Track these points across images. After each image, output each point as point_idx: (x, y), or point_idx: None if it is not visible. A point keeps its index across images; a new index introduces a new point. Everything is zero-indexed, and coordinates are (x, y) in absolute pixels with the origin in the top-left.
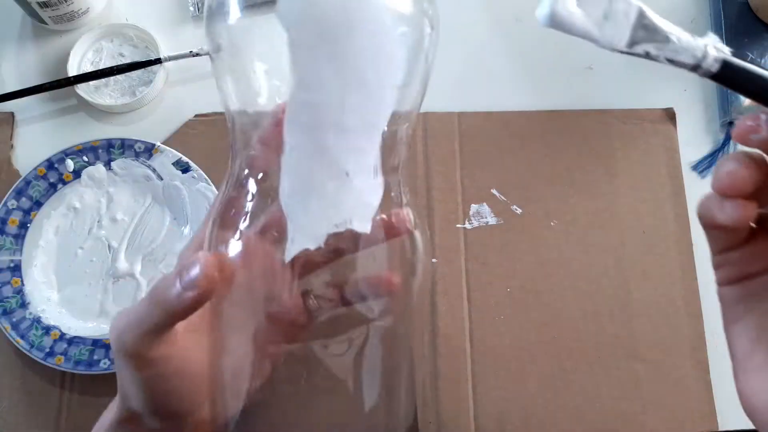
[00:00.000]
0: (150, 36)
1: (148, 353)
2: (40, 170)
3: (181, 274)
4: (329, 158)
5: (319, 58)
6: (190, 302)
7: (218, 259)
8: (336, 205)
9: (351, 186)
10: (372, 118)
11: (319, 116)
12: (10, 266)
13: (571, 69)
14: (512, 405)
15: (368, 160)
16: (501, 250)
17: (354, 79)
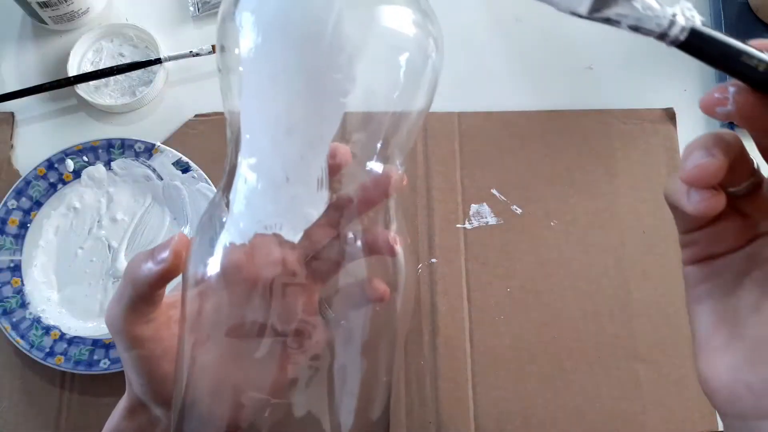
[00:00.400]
0: (150, 36)
1: (134, 330)
2: (40, 170)
3: (154, 252)
4: (273, 159)
5: (272, 62)
6: (154, 275)
7: (187, 241)
8: (270, 207)
9: (288, 192)
10: (317, 130)
11: (267, 116)
12: (10, 266)
13: (571, 69)
14: (512, 405)
15: (311, 170)
16: (501, 250)
17: (302, 90)
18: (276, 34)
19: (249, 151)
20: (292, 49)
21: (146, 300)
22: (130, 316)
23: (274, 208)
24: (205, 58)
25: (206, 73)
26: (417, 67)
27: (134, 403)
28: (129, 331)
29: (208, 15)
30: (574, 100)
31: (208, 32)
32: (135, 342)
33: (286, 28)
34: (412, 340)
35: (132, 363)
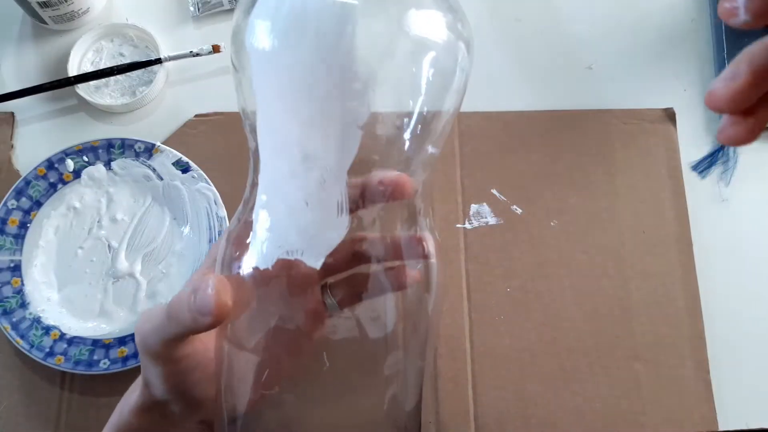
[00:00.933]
0: (150, 36)
1: (171, 354)
2: (40, 170)
3: (195, 295)
4: (292, 185)
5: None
6: (204, 326)
7: (226, 285)
8: (291, 233)
9: (308, 217)
10: (334, 158)
11: (284, 143)
12: (10, 266)
13: (571, 69)
14: (512, 405)
15: (331, 195)
16: (501, 250)
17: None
18: (287, 58)
19: (268, 176)
20: (306, 77)
21: (190, 335)
22: (169, 345)
23: (296, 234)
24: (205, 59)
25: (206, 74)
26: (447, 71)
27: (148, 401)
28: (165, 355)
29: (209, 15)
30: (574, 100)
31: (208, 32)
32: (169, 361)
33: (299, 55)
34: None
35: (160, 376)
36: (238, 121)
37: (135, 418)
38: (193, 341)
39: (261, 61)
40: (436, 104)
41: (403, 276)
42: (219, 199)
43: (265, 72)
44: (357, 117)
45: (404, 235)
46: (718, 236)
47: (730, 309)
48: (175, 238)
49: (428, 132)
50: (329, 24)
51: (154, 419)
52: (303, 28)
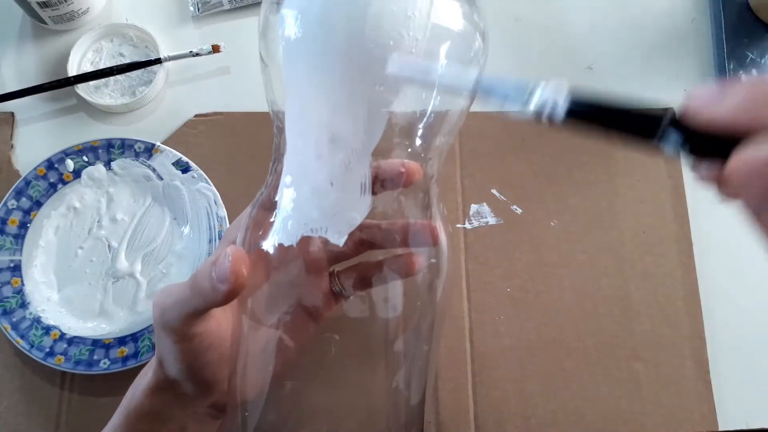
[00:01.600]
0: (150, 36)
1: (188, 329)
2: (40, 170)
3: (215, 265)
4: (317, 166)
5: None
6: (222, 296)
7: (244, 256)
8: (314, 211)
9: (332, 197)
10: (360, 140)
11: (311, 126)
12: (10, 266)
13: (571, 69)
14: (512, 405)
15: (355, 176)
16: (501, 250)
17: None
18: (318, 45)
19: (294, 157)
20: (334, 61)
21: (210, 309)
22: (190, 322)
23: (320, 213)
24: (205, 58)
25: (206, 73)
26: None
27: (161, 381)
28: (183, 330)
29: (209, 15)
30: None
31: (208, 32)
32: (186, 338)
33: (328, 39)
34: None
35: (175, 353)
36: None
37: (147, 399)
38: (209, 319)
39: (292, 49)
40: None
41: (411, 263)
42: (219, 199)
43: (296, 59)
44: (384, 101)
45: (414, 222)
46: (718, 236)
47: (730, 309)
48: (175, 238)
49: (443, 120)
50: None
51: (167, 400)
52: (332, 15)
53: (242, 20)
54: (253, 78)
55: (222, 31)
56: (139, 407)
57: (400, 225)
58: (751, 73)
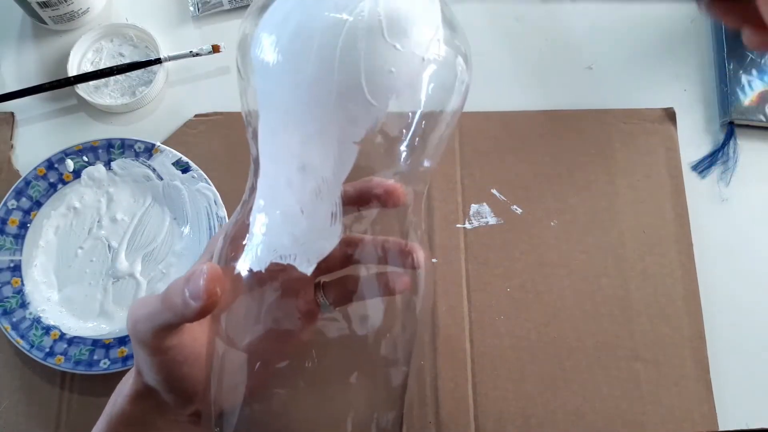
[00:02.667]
0: (150, 36)
1: (161, 343)
2: (40, 170)
3: (188, 281)
4: (288, 193)
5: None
6: (193, 313)
7: (219, 275)
8: (285, 238)
9: (303, 225)
10: (330, 170)
11: (282, 153)
12: (10, 266)
13: (571, 69)
14: (512, 405)
15: (325, 205)
16: (501, 250)
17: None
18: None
19: (266, 182)
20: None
21: (181, 324)
22: (161, 336)
23: (290, 240)
24: (205, 58)
25: (206, 73)
26: (446, 85)
27: (141, 389)
28: (155, 344)
29: (209, 15)
30: (574, 100)
31: (208, 32)
32: (158, 351)
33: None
34: None
35: (151, 365)
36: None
37: (129, 406)
38: (183, 333)
39: (265, 74)
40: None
41: (394, 282)
42: (219, 199)
43: (269, 85)
44: (355, 134)
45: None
46: (718, 236)
47: (730, 309)
48: (175, 238)
49: (425, 144)
50: (332, 43)
51: (148, 407)
52: (307, 46)
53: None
54: None
55: (222, 31)
56: (121, 414)
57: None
58: (751, 73)
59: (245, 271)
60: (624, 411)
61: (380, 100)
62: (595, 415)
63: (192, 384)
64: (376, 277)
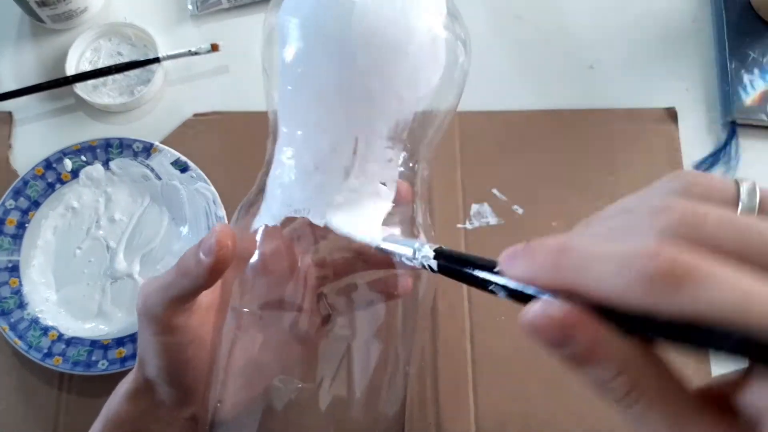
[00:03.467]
0: (148, 35)
1: (170, 319)
2: (38, 170)
3: (200, 244)
4: (304, 151)
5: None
6: (207, 269)
7: (230, 231)
8: (299, 194)
9: (315, 180)
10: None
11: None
12: (8, 266)
13: (573, 68)
14: (513, 406)
15: (337, 160)
16: (502, 250)
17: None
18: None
19: (284, 143)
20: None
21: (195, 292)
22: (171, 306)
23: (303, 195)
24: (203, 57)
25: (205, 72)
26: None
27: (140, 385)
28: (164, 320)
29: (207, 14)
30: (576, 99)
31: (206, 31)
32: (167, 329)
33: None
34: None
35: (156, 347)
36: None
37: (125, 405)
38: (192, 313)
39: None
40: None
41: (394, 287)
42: (218, 199)
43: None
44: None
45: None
46: None
47: None
48: (173, 238)
49: (426, 128)
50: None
51: (144, 406)
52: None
53: (241, 19)
54: (252, 77)
55: (221, 30)
56: (117, 414)
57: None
58: (753, 72)
59: (261, 224)
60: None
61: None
62: (596, 415)
63: (192, 374)
64: (377, 283)
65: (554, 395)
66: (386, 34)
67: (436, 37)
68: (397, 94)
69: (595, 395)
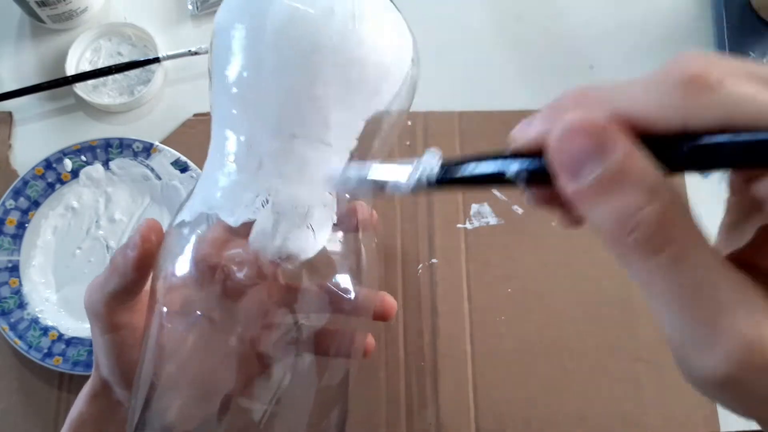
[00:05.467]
0: (148, 35)
1: (112, 317)
2: (38, 170)
3: (129, 239)
4: (224, 149)
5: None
6: (132, 263)
7: (155, 225)
8: (216, 192)
9: (232, 178)
10: (260, 126)
11: (224, 111)
12: (8, 266)
13: (573, 68)
14: (513, 406)
15: (254, 156)
16: (502, 250)
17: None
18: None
19: (212, 144)
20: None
21: (127, 288)
22: (110, 302)
23: (220, 193)
24: (203, 57)
25: (205, 72)
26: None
27: (97, 387)
28: (107, 316)
29: (207, 14)
30: None
31: (206, 30)
32: (111, 327)
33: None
34: (412, 341)
35: (104, 346)
36: None
37: (85, 406)
38: (134, 312)
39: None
40: (382, 104)
41: (359, 345)
42: None
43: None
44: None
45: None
46: None
47: None
48: None
49: (375, 131)
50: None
51: (102, 406)
52: (261, 28)
53: None
54: None
55: None
56: (80, 416)
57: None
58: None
59: (178, 220)
60: (625, 412)
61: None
62: (597, 416)
63: None
64: (344, 335)
65: (554, 395)
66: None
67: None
68: (339, 101)
69: (614, 246)
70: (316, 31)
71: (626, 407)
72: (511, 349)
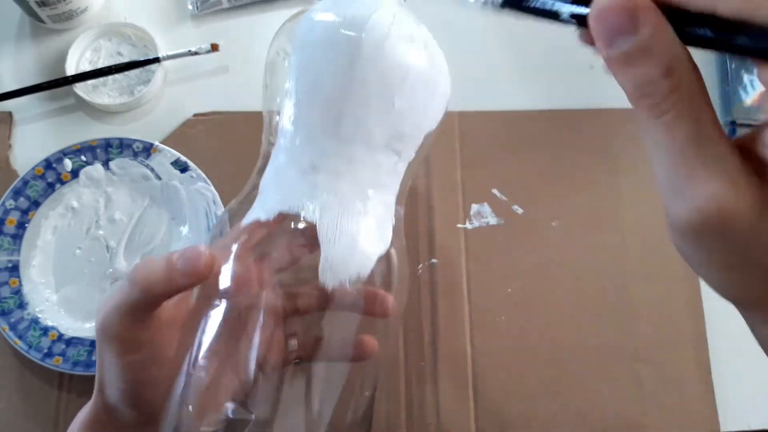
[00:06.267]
0: (148, 35)
1: (129, 336)
2: (38, 170)
3: (176, 260)
4: (303, 151)
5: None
6: (174, 285)
7: (213, 258)
8: (295, 191)
9: (313, 178)
10: (342, 130)
11: (304, 117)
12: (8, 266)
13: (573, 68)
14: (513, 406)
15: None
16: (502, 250)
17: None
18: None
19: (284, 144)
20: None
21: (152, 306)
22: (128, 322)
23: (299, 191)
24: (203, 57)
25: (205, 72)
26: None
27: (100, 413)
28: (125, 338)
29: (207, 14)
30: (576, 99)
31: (206, 30)
32: (129, 347)
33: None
34: (412, 341)
35: (120, 370)
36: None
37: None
38: (154, 328)
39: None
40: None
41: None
42: (218, 199)
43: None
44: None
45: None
46: None
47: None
48: (173, 238)
49: (423, 145)
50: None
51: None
52: (320, 51)
53: (241, 19)
54: (252, 77)
55: (221, 30)
56: None
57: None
58: (752, 72)
59: (252, 219)
60: (625, 412)
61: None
62: (597, 416)
63: (153, 389)
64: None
65: (555, 396)
66: (385, 73)
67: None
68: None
69: (631, 102)
70: (406, 52)
71: (626, 407)
72: (511, 349)
